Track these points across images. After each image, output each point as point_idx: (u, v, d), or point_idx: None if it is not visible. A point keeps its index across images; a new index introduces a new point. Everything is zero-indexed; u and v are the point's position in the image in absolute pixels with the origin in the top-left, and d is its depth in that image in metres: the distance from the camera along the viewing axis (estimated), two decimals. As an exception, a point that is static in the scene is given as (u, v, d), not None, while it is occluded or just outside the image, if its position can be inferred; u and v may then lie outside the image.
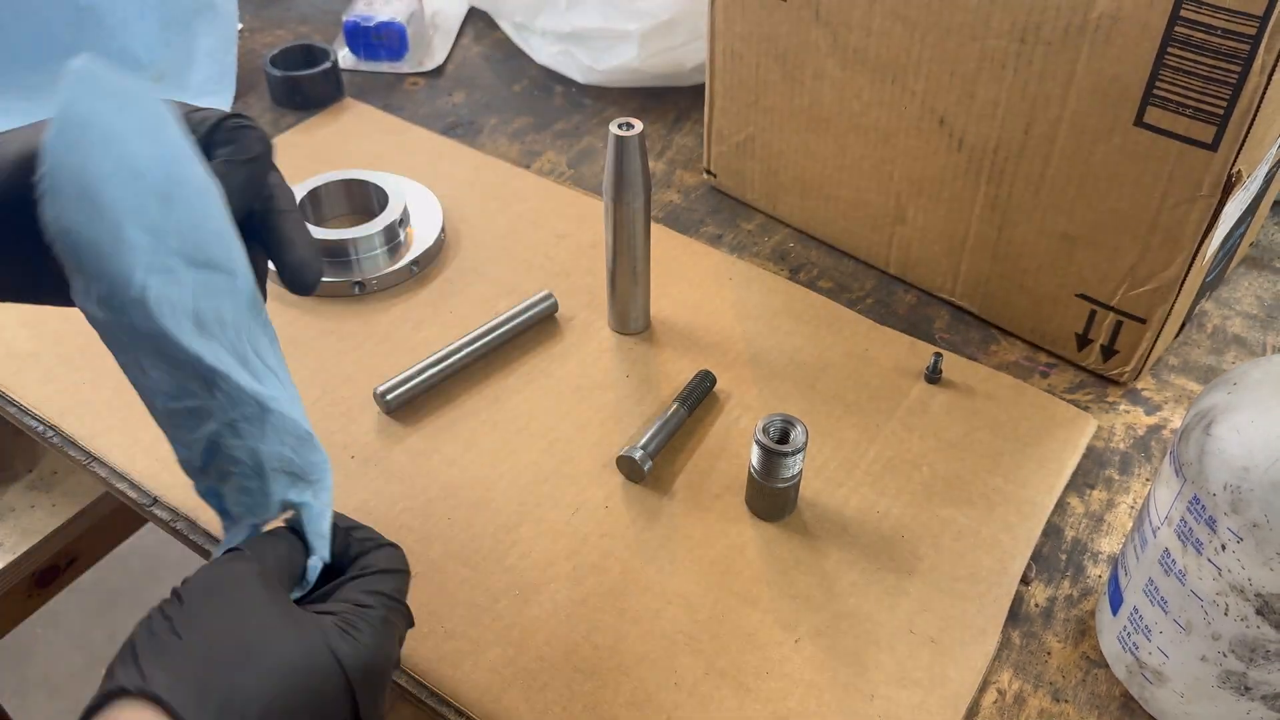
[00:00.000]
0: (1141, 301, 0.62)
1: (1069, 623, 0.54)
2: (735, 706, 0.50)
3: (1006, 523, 0.58)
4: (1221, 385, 0.45)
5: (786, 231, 0.79)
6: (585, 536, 0.57)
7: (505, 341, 0.67)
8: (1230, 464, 0.42)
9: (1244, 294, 0.74)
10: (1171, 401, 0.66)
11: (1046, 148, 0.61)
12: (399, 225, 0.74)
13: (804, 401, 0.64)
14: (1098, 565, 0.57)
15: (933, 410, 0.64)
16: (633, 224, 0.63)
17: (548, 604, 0.54)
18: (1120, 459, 0.62)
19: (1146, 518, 0.48)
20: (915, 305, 0.72)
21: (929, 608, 0.54)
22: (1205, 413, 0.44)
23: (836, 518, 0.58)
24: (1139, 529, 0.49)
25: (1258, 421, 0.42)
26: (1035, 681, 0.52)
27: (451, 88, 0.95)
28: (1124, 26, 0.54)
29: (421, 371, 0.64)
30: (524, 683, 0.51)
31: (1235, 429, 0.42)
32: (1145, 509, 0.49)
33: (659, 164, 0.85)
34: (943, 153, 0.66)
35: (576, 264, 0.73)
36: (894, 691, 0.50)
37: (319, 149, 0.85)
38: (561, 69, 0.92)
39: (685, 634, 0.53)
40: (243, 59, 0.94)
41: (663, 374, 0.66)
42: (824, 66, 0.68)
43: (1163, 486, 0.46)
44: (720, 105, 0.77)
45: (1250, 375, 0.44)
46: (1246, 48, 0.51)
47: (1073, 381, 0.67)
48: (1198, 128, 0.54)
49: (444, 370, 0.65)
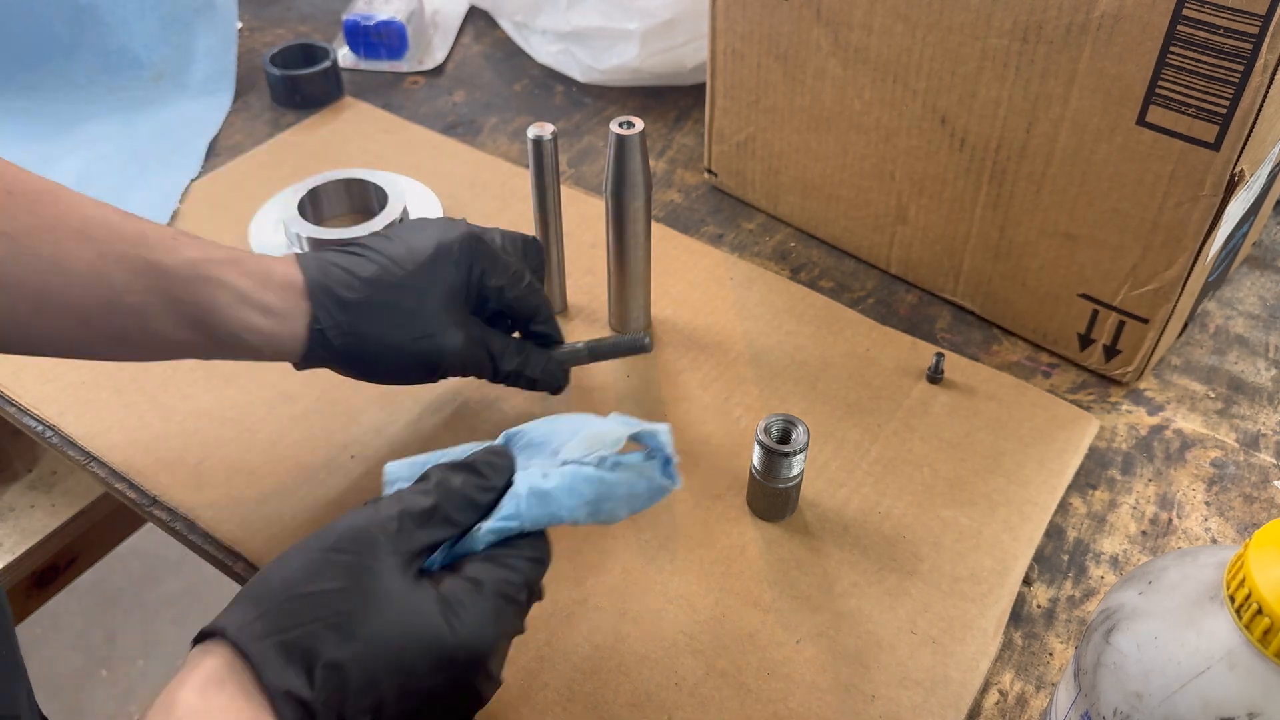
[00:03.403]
0: (1144, 301, 0.62)
1: (1071, 624, 0.54)
2: (736, 707, 0.50)
3: (1008, 523, 0.58)
4: (1135, 581, 0.38)
5: (787, 231, 0.79)
6: (586, 536, 0.57)
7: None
8: (1124, 685, 0.36)
9: (1246, 294, 0.74)
10: (1174, 402, 0.66)
11: (1048, 147, 0.61)
12: (399, 224, 0.73)
13: (805, 402, 0.64)
14: (1100, 566, 0.57)
15: (934, 410, 0.64)
16: (633, 223, 0.63)
17: (548, 604, 0.54)
18: (1123, 459, 0.62)
19: (1050, 715, 0.44)
20: (917, 305, 0.72)
21: (930, 608, 0.54)
22: (1111, 612, 0.38)
23: (838, 518, 0.58)
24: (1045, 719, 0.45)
25: (1162, 638, 0.35)
26: (1037, 683, 0.51)
27: (452, 87, 0.94)
28: (1126, 25, 0.54)
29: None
30: (524, 682, 0.50)
31: (1137, 643, 0.36)
32: (1050, 705, 0.44)
33: (660, 163, 0.85)
34: (944, 152, 0.66)
35: (577, 264, 0.73)
36: (895, 692, 0.50)
37: (319, 148, 0.85)
38: (562, 68, 0.92)
39: (686, 634, 0.52)
40: (242, 58, 0.94)
41: (663, 374, 0.66)
42: (825, 66, 0.68)
43: (1064, 687, 0.41)
44: (721, 104, 0.77)
45: (1167, 575, 0.37)
46: (1249, 47, 0.50)
47: (1075, 382, 0.67)
48: (1200, 127, 0.54)
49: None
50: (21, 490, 0.85)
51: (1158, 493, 0.60)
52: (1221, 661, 0.34)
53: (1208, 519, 0.59)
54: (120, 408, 0.63)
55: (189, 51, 0.90)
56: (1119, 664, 0.36)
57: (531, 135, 0.62)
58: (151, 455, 0.60)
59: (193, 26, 0.90)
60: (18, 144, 0.84)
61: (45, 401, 0.64)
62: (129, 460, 0.60)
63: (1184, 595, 0.36)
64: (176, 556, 1.57)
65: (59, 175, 0.55)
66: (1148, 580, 0.38)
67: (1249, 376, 0.67)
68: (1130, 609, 0.37)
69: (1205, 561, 0.37)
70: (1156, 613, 0.36)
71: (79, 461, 0.61)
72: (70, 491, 0.85)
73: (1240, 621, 0.33)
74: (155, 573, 1.58)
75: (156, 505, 0.59)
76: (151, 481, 0.59)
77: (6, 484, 0.85)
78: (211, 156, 0.85)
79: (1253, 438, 0.63)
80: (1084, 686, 0.38)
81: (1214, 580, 0.35)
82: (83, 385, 0.64)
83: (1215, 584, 0.35)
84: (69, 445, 0.62)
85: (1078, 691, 0.39)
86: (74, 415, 0.63)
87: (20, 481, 0.86)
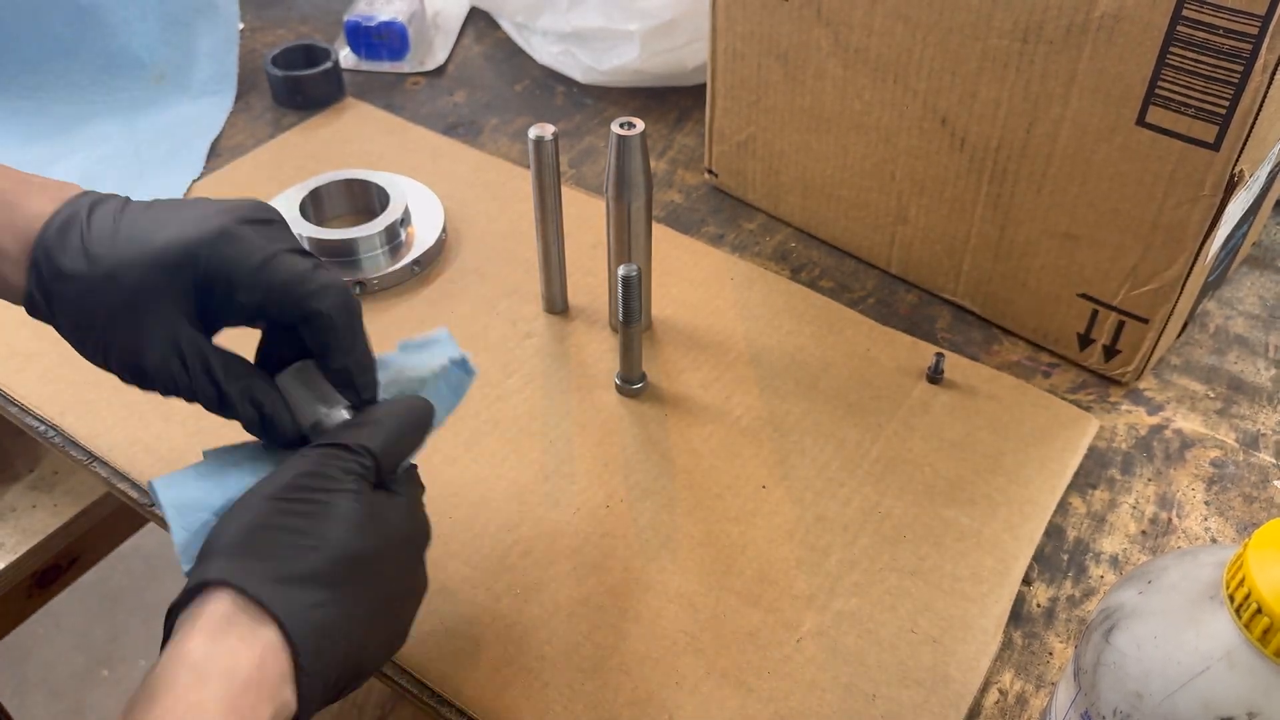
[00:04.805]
0: (1144, 301, 0.62)
1: (1071, 623, 0.54)
2: (737, 706, 0.50)
3: (1008, 523, 0.58)
4: (1135, 581, 0.38)
5: (788, 231, 0.79)
6: (587, 536, 0.57)
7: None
8: (1124, 685, 0.36)
9: (1246, 294, 0.74)
10: (1174, 401, 0.66)
11: (1048, 147, 0.61)
12: (400, 225, 0.74)
13: (805, 402, 0.64)
14: (1100, 566, 0.57)
15: (934, 410, 0.64)
16: (634, 224, 0.63)
17: (549, 603, 0.54)
18: (1122, 459, 0.62)
19: (1049, 714, 0.44)
20: (917, 305, 0.72)
21: (931, 608, 0.54)
22: (1111, 612, 0.38)
23: (838, 518, 0.58)
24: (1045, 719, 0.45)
25: (1161, 638, 0.35)
26: (1037, 682, 0.52)
27: (453, 87, 0.94)
28: (1126, 26, 0.54)
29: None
30: (525, 682, 0.50)
31: (1136, 642, 0.36)
32: (1050, 705, 0.44)
33: (660, 164, 0.85)
34: (944, 152, 0.66)
35: (577, 264, 0.73)
36: (896, 692, 0.50)
37: (320, 149, 0.85)
38: (563, 69, 0.92)
39: (687, 633, 0.53)
40: (244, 59, 0.94)
41: (664, 374, 0.66)
42: (826, 66, 0.68)
43: (1063, 687, 0.41)
44: (722, 105, 0.77)
45: (1167, 575, 0.37)
46: (1249, 47, 0.51)
47: (1075, 381, 0.67)
48: (1200, 127, 0.54)
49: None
50: (23, 490, 0.85)
51: (1157, 492, 0.60)
52: (1221, 661, 0.34)
53: (1207, 519, 0.59)
54: (122, 407, 0.63)
55: (190, 52, 0.90)
56: (1119, 663, 0.36)
57: (532, 136, 0.62)
58: (153, 455, 0.60)
59: (194, 27, 0.90)
60: (20, 144, 0.85)
61: (47, 401, 0.64)
62: (131, 460, 0.60)
63: (1184, 595, 0.36)
64: (177, 556, 1.57)
65: (61, 175, 0.55)
66: (1147, 580, 0.38)
67: (1249, 376, 0.67)
68: (1130, 608, 0.37)
69: (1205, 561, 0.37)
70: (1156, 612, 0.36)
71: (81, 461, 0.61)
72: (72, 491, 0.85)
73: (1240, 621, 0.33)
74: (157, 572, 1.58)
75: (157, 505, 0.59)
76: (153, 481, 0.59)
77: (8, 484, 0.85)
78: (213, 157, 0.85)
79: (1252, 437, 0.63)
80: (1084, 686, 0.38)
81: (1214, 580, 0.35)
82: (84, 385, 0.65)
83: (1215, 584, 0.35)
84: (71, 445, 0.62)
85: (1077, 691, 0.39)
86: (75, 415, 0.63)
87: (22, 481, 0.86)
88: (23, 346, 0.67)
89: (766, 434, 0.62)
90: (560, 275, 0.69)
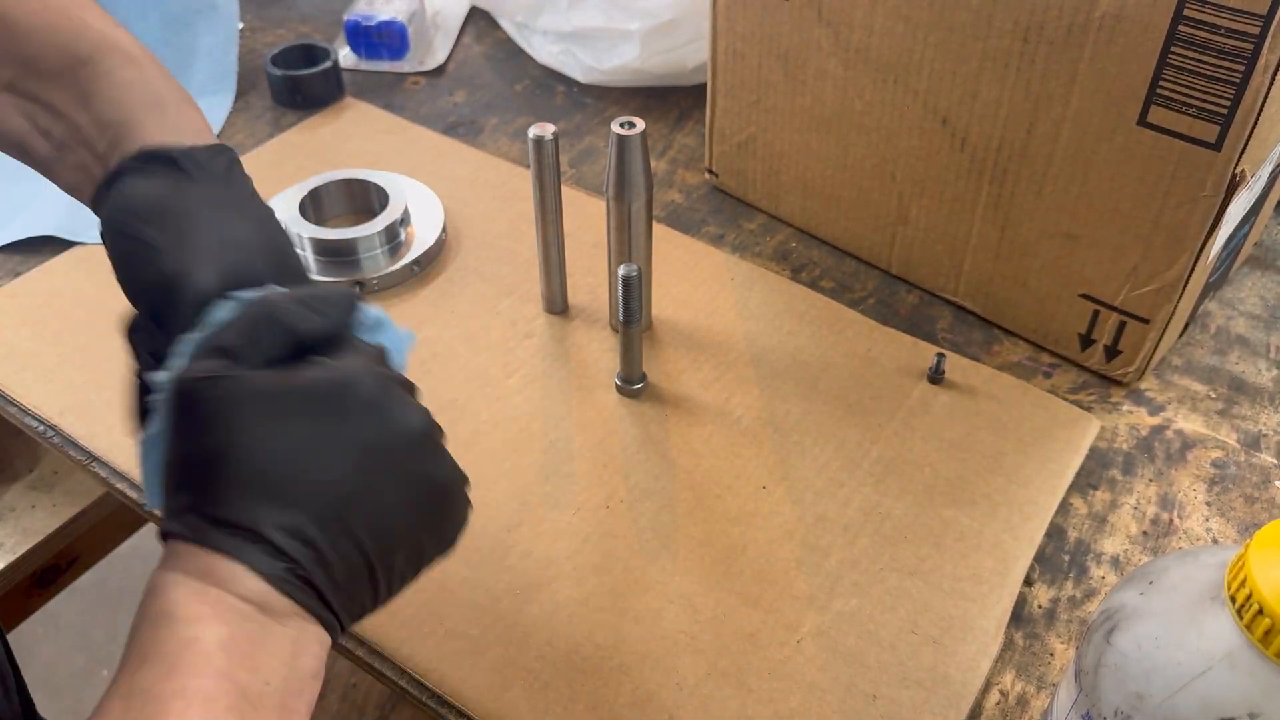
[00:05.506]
0: (1145, 301, 0.62)
1: (1072, 624, 0.54)
2: (737, 707, 0.50)
3: (1009, 523, 0.58)
4: (1136, 581, 0.38)
5: (788, 231, 0.79)
6: (587, 536, 0.57)
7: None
8: (1125, 686, 0.36)
9: (1248, 294, 0.74)
10: (1175, 402, 0.66)
11: (1049, 147, 0.61)
12: (400, 225, 0.74)
13: (806, 402, 0.64)
14: (1100, 566, 0.57)
15: (935, 411, 0.64)
16: (634, 224, 0.63)
17: (549, 604, 0.54)
18: (1123, 459, 0.62)
19: (1050, 715, 0.44)
20: (917, 305, 0.72)
21: (931, 608, 0.54)
22: (1112, 613, 0.38)
23: (838, 518, 0.58)
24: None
25: (1163, 639, 0.35)
26: (1038, 683, 0.52)
27: (453, 87, 0.94)
28: (1127, 26, 0.54)
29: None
30: (525, 682, 0.50)
31: (1138, 643, 0.36)
32: (1051, 705, 0.44)
33: (660, 163, 0.85)
34: (945, 152, 0.66)
35: (577, 264, 0.73)
36: (896, 692, 0.50)
37: (319, 148, 0.85)
38: (563, 68, 0.92)
39: (687, 634, 0.52)
40: (244, 58, 0.94)
41: (664, 374, 0.66)
42: (826, 66, 0.68)
43: (1064, 688, 0.41)
44: (722, 105, 0.77)
45: (1168, 576, 0.37)
46: (1250, 47, 0.50)
47: (1075, 382, 0.67)
48: (1201, 127, 0.54)
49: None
50: (22, 490, 0.85)
51: (1159, 493, 0.60)
52: (1222, 662, 0.34)
53: (1209, 519, 0.59)
54: (120, 408, 0.63)
55: (190, 51, 0.90)
56: (1120, 664, 0.36)
57: (532, 135, 0.62)
58: (152, 455, 0.60)
59: (194, 27, 0.90)
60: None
61: (46, 401, 0.64)
62: (130, 460, 0.60)
63: (1185, 596, 0.36)
64: (177, 556, 1.57)
65: (60, 175, 0.55)
66: (1148, 581, 0.38)
67: (1250, 377, 0.67)
68: (1131, 609, 0.37)
69: (1206, 562, 0.36)
70: (1157, 613, 0.36)
71: (80, 461, 0.61)
72: (71, 491, 0.85)
73: (1241, 622, 0.33)
74: (156, 573, 1.58)
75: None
76: (152, 481, 0.59)
77: (7, 484, 0.85)
78: (213, 157, 0.85)
79: (1254, 438, 0.63)
80: (1085, 687, 0.38)
81: (1215, 581, 0.35)
82: (83, 385, 0.64)
83: (1216, 584, 0.35)
84: (70, 445, 0.62)
85: (1078, 692, 0.39)
86: (75, 415, 0.63)
87: (21, 481, 0.86)
88: (22, 346, 0.67)
89: (767, 434, 0.62)
90: (560, 275, 0.69)
